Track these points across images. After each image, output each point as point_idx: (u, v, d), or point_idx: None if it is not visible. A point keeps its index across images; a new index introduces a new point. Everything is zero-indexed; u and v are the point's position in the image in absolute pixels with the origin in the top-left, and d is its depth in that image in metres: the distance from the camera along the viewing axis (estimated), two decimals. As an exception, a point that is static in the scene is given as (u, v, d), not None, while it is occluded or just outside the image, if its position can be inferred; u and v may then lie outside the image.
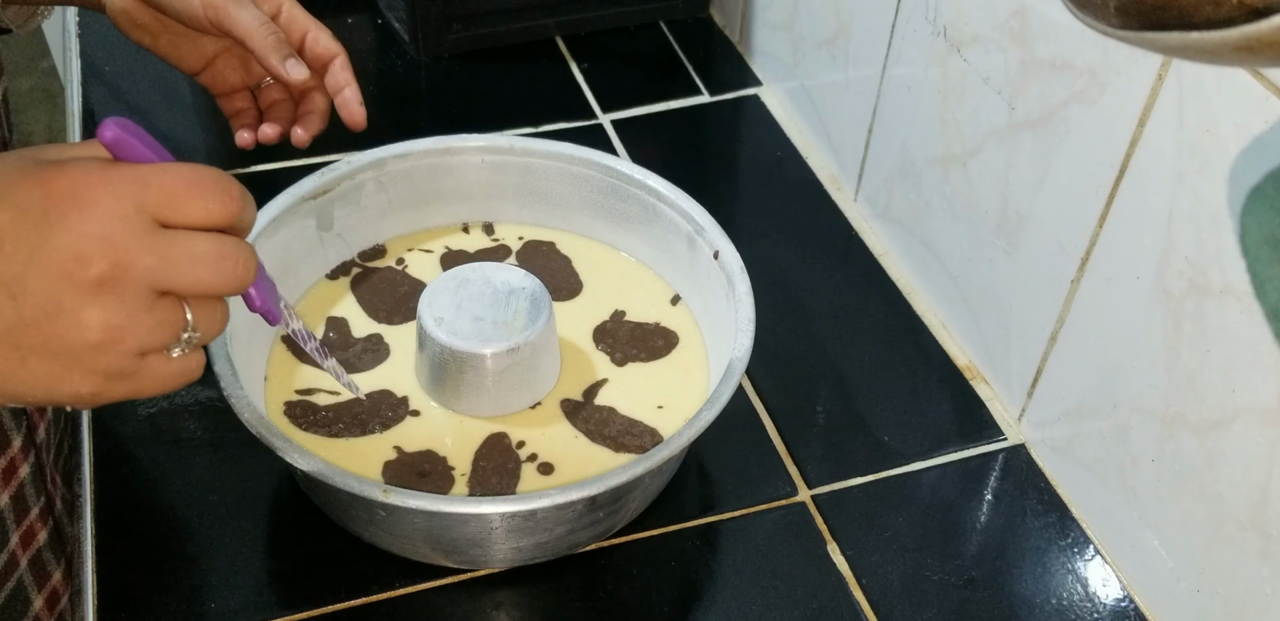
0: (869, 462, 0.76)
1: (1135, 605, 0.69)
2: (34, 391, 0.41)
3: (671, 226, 0.76)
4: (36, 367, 0.40)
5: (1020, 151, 0.70)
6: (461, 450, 0.69)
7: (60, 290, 0.39)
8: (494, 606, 0.68)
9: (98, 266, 0.39)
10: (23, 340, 0.39)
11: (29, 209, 0.39)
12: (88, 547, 0.69)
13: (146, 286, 0.40)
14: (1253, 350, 0.56)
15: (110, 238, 0.39)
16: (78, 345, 0.40)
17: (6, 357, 0.40)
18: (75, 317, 0.39)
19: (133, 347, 0.41)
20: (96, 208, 0.39)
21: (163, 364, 0.43)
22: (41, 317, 0.39)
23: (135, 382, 0.42)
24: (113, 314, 0.40)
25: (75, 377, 0.41)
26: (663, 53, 1.08)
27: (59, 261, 0.39)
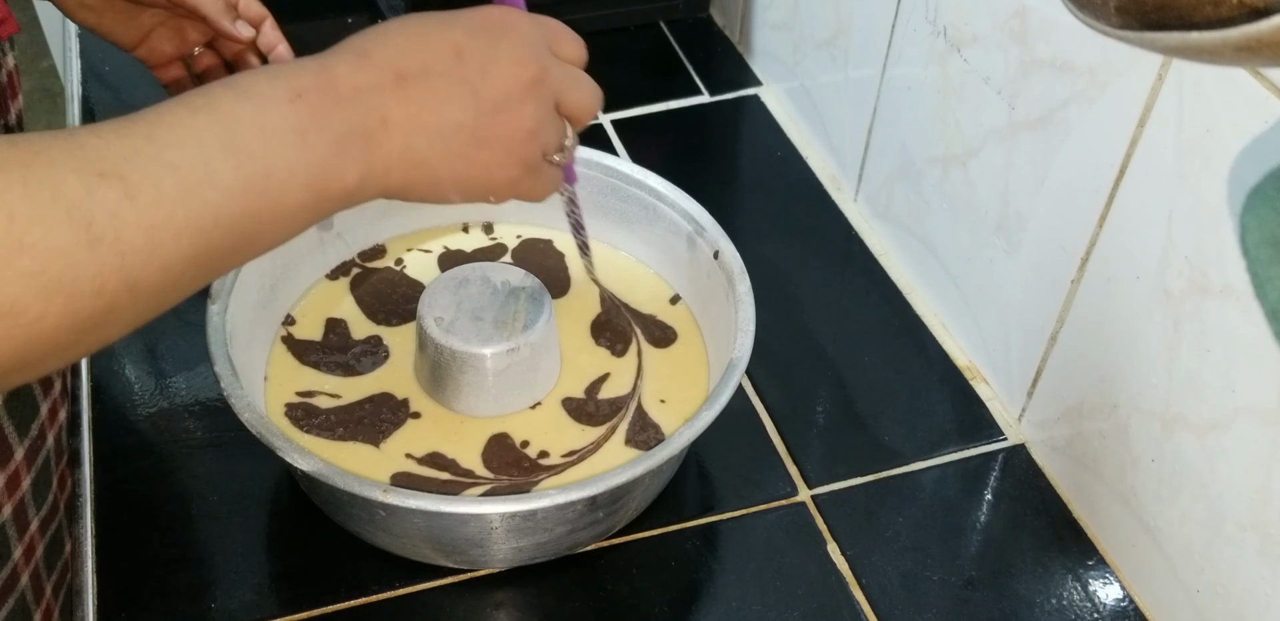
0: (869, 462, 0.76)
1: (1135, 605, 0.69)
2: (480, 174, 0.50)
3: (671, 226, 0.76)
4: (487, 153, 0.50)
5: (1020, 151, 0.70)
6: (469, 451, 0.69)
7: (508, 87, 0.49)
8: (494, 606, 0.68)
9: (531, 69, 0.50)
10: (482, 127, 0.49)
11: (477, 29, 0.50)
12: (88, 547, 0.69)
13: (553, 93, 0.52)
14: (1253, 350, 0.56)
15: (536, 51, 0.51)
16: (518, 132, 0.50)
17: (468, 142, 0.49)
18: (518, 109, 0.50)
19: (543, 142, 0.52)
20: (522, 31, 0.51)
21: (548, 168, 0.53)
22: (496, 108, 0.49)
23: (535, 178, 0.52)
24: (539, 109, 0.51)
25: (510, 163, 0.51)
26: (663, 53, 1.08)
27: (506, 65, 0.50)
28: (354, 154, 0.46)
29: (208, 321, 0.66)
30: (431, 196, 0.50)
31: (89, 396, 0.77)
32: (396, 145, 0.47)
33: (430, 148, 0.48)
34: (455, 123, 0.48)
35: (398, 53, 0.48)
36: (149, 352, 0.81)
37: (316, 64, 0.47)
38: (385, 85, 0.47)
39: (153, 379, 0.78)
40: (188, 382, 0.78)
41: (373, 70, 0.47)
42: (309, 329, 0.75)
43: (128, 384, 0.78)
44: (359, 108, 0.46)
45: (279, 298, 0.75)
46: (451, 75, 0.49)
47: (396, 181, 0.48)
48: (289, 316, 0.75)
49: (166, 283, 0.41)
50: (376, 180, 0.47)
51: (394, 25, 0.50)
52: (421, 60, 0.48)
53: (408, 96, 0.47)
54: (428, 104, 0.48)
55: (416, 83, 0.48)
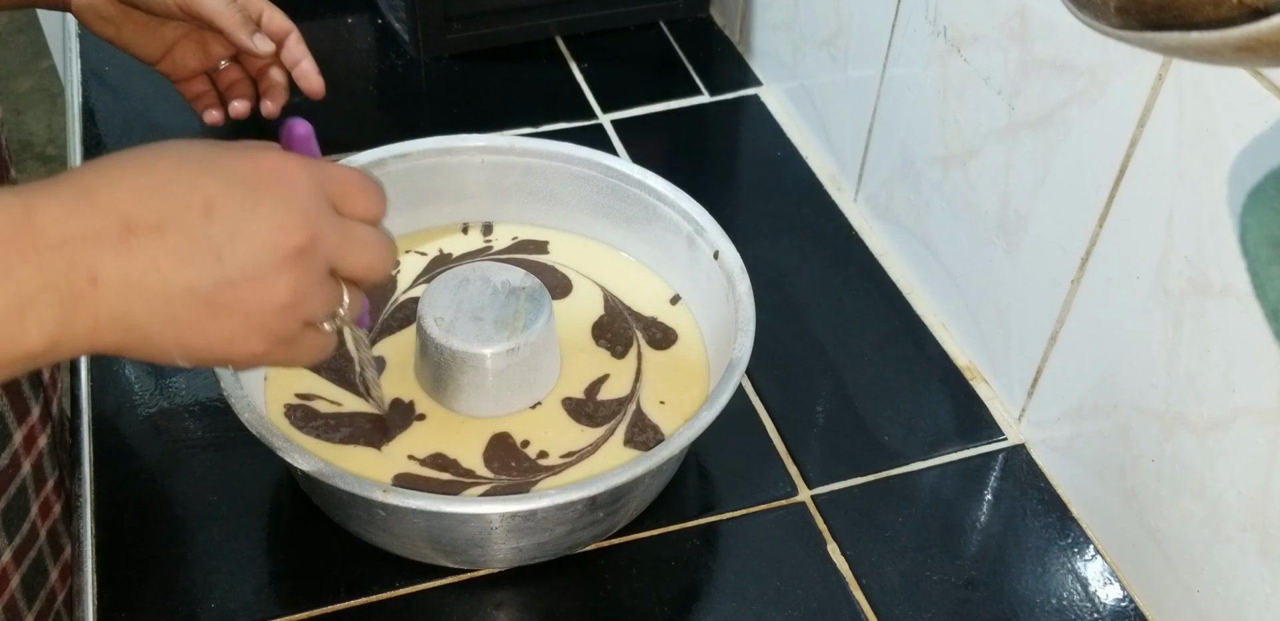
0: (869, 462, 0.76)
1: (1135, 605, 0.69)
2: (215, 348, 0.44)
3: (671, 226, 0.76)
4: (225, 324, 0.43)
5: (1020, 151, 0.70)
6: (470, 451, 0.69)
7: (264, 254, 0.43)
8: (494, 606, 0.68)
9: (298, 237, 0.43)
10: (220, 298, 0.42)
11: (239, 181, 0.43)
12: (88, 547, 0.69)
13: (326, 261, 0.45)
14: (1253, 350, 0.56)
15: (309, 214, 0.44)
16: (267, 306, 0.44)
17: (201, 314, 0.43)
18: (271, 281, 0.43)
19: (305, 315, 0.45)
20: (297, 188, 0.44)
21: (314, 335, 0.47)
22: (241, 279, 0.43)
23: (292, 349, 0.46)
24: (300, 280, 0.44)
25: (254, 337, 0.44)
26: (663, 53, 1.08)
27: (266, 229, 0.43)
28: (45, 315, 0.39)
29: (208, 321, 0.66)
30: (154, 359, 0.44)
31: (89, 396, 0.77)
32: (108, 307, 0.40)
33: (151, 314, 0.41)
34: (186, 287, 0.42)
35: (132, 197, 0.41)
36: (149, 352, 0.80)
37: (15, 201, 0.39)
38: (105, 235, 0.40)
39: (153, 379, 0.78)
40: (188, 382, 0.78)
41: (93, 215, 0.40)
42: None
43: (128, 384, 0.78)
44: (60, 262, 0.39)
45: (279, 298, 0.75)
46: (192, 233, 0.41)
47: (107, 343, 0.42)
48: (289, 316, 0.75)
49: None
50: (76, 341, 0.41)
51: (137, 160, 0.43)
52: (158, 210, 0.41)
53: (132, 251, 0.40)
54: (156, 263, 0.41)
55: (146, 237, 0.41)
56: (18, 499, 0.66)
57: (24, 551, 0.68)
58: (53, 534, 0.70)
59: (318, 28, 1.08)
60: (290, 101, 0.80)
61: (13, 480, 0.66)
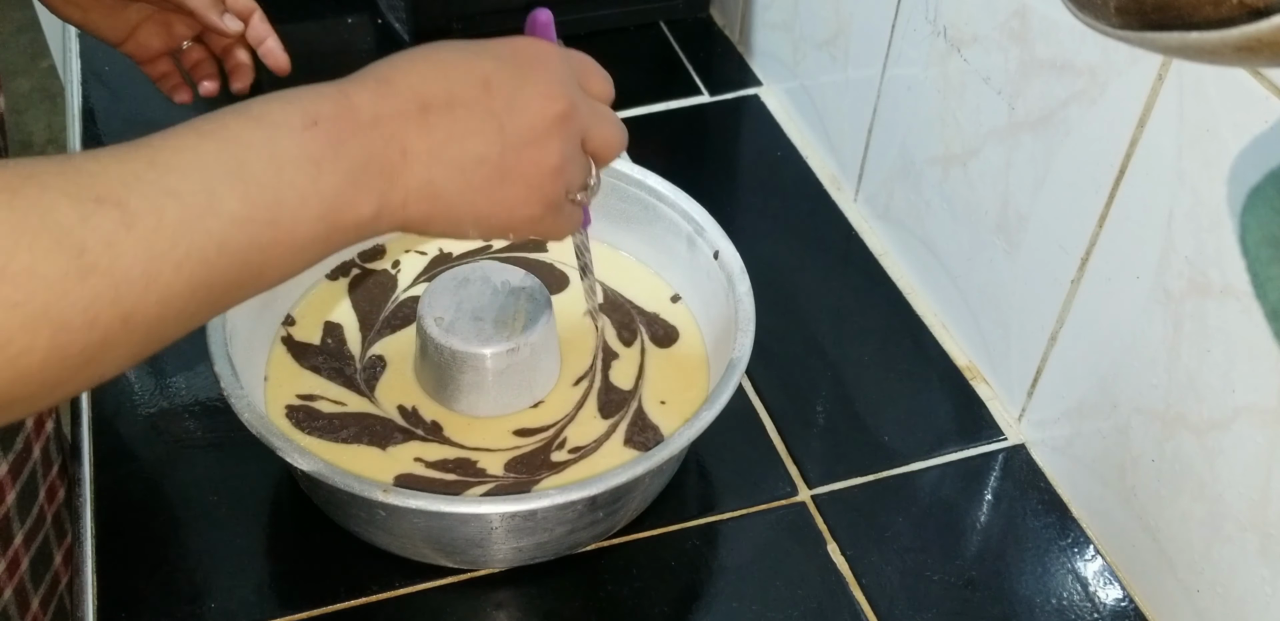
0: (869, 462, 0.76)
1: (1135, 605, 0.69)
2: (501, 211, 0.48)
3: (671, 226, 0.76)
4: (510, 190, 0.48)
5: (1020, 151, 0.70)
6: (474, 450, 0.69)
7: (535, 121, 0.48)
8: (494, 606, 0.68)
9: (560, 104, 0.48)
10: (506, 162, 0.47)
11: (506, 60, 0.48)
12: (88, 547, 0.69)
13: (580, 129, 0.50)
14: (1253, 350, 0.56)
15: (565, 86, 0.49)
16: (543, 168, 0.48)
17: (490, 177, 0.47)
18: (545, 144, 0.48)
19: (567, 180, 0.50)
20: (552, 65, 0.49)
21: (570, 206, 0.52)
22: (522, 143, 0.47)
23: (555, 217, 0.51)
24: (566, 145, 0.49)
25: (533, 201, 0.49)
26: (663, 53, 1.08)
27: (536, 98, 0.48)
28: (370, 185, 0.44)
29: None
30: (450, 231, 0.48)
31: (89, 396, 0.77)
32: (416, 177, 0.46)
33: (450, 181, 0.46)
34: (478, 156, 0.47)
35: (422, 81, 0.46)
36: (149, 352, 0.81)
37: (335, 90, 0.45)
38: (408, 114, 0.45)
39: (153, 379, 0.78)
40: (188, 382, 0.78)
41: (395, 98, 0.45)
42: (308, 331, 0.75)
43: (128, 384, 0.78)
44: (378, 137, 0.45)
45: (279, 297, 0.75)
46: (477, 107, 0.47)
47: (415, 214, 0.47)
48: (289, 316, 0.75)
49: (166, 316, 0.39)
50: (393, 212, 0.46)
51: (420, 52, 0.48)
52: (447, 90, 0.46)
53: (430, 127, 0.46)
54: (451, 136, 0.46)
55: (440, 113, 0.46)
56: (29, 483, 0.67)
57: (33, 534, 0.68)
58: (57, 518, 0.70)
59: (318, 28, 1.08)
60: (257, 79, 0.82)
61: (26, 464, 0.66)
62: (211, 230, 0.39)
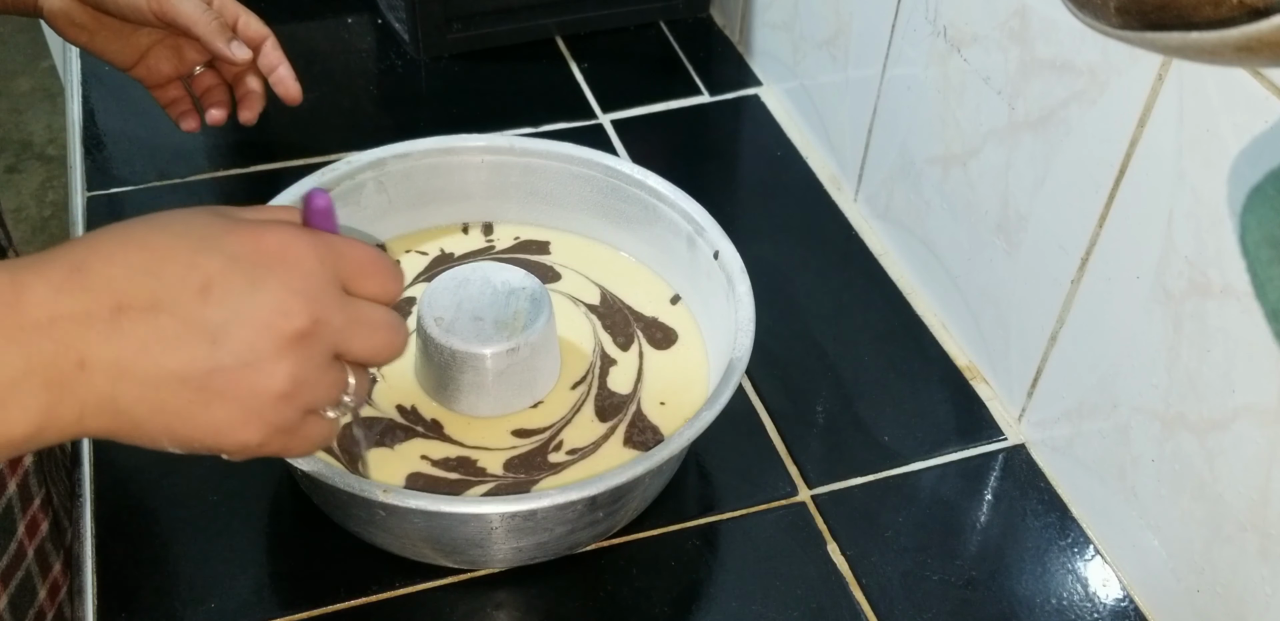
0: (869, 462, 0.76)
1: (1135, 605, 0.69)
2: (205, 437, 0.41)
3: (671, 226, 0.76)
4: (218, 413, 0.41)
5: (1020, 151, 0.70)
6: (476, 450, 0.69)
7: (261, 339, 0.40)
8: (494, 606, 0.68)
9: (299, 320, 0.41)
10: (214, 384, 0.40)
11: (240, 259, 0.40)
12: (88, 547, 0.69)
13: (330, 345, 0.42)
14: (1253, 350, 0.56)
15: (312, 296, 0.41)
16: (264, 394, 0.41)
17: (192, 401, 0.40)
18: (269, 367, 0.40)
19: (306, 403, 0.42)
20: (302, 267, 0.41)
21: (315, 423, 0.44)
22: (237, 364, 0.40)
23: (290, 439, 0.43)
24: (301, 367, 0.41)
25: (250, 426, 0.41)
26: (663, 53, 1.08)
27: (265, 312, 0.40)
28: (25, 401, 0.37)
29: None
30: (145, 446, 0.42)
31: (89, 396, 0.77)
32: (96, 392, 0.39)
33: (137, 400, 0.39)
34: (178, 375, 0.39)
35: (126, 274, 0.39)
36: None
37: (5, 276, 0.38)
38: (95, 316, 0.38)
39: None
40: (188, 382, 0.78)
41: (83, 294, 0.38)
42: None
43: (128, 384, 0.78)
44: (48, 344, 0.37)
45: (279, 298, 0.75)
46: (186, 314, 0.39)
47: (96, 428, 0.40)
48: (289, 316, 0.75)
49: None
50: (63, 427, 0.39)
51: (137, 233, 0.41)
52: (152, 290, 0.39)
53: (121, 334, 0.38)
54: (145, 347, 0.39)
55: (138, 318, 0.39)
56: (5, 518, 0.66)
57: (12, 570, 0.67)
58: (41, 551, 0.69)
59: (318, 28, 1.08)
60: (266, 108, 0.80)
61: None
62: None
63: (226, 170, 0.93)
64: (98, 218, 0.88)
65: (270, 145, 0.95)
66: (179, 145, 0.94)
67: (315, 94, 0.99)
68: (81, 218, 0.89)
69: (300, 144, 0.95)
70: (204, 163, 0.93)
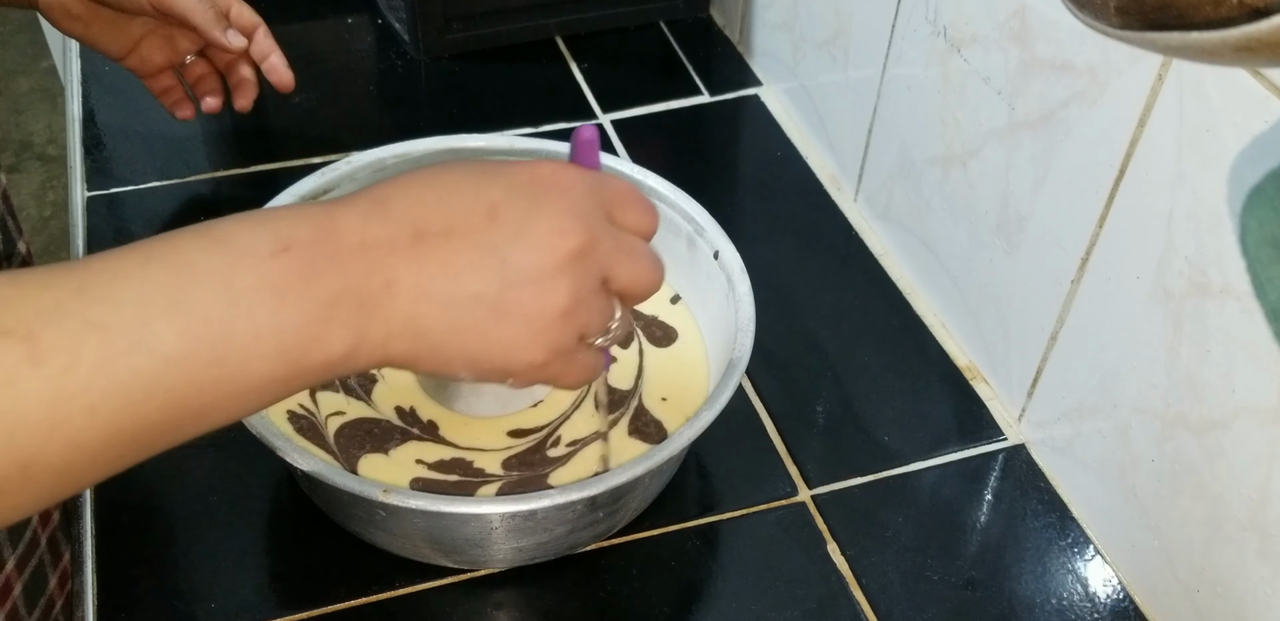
0: (869, 462, 0.76)
1: (1135, 605, 0.69)
2: (496, 356, 0.44)
3: (671, 226, 0.76)
4: (507, 331, 0.43)
5: (1020, 151, 0.70)
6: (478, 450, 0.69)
7: (544, 257, 0.43)
8: (494, 606, 0.68)
9: (575, 239, 0.44)
10: (505, 302, 0.43)
11: (519, 187, 0.44)
12: (88, 547, 0.69)
13: (600, 268, 0.45)
14: (1253, 350, 0.56)
15: (584, 218, 0.44)
16: (549, 311, 0.44)
17: (485, 319, 0.43)
18: (551, 284, 0.43)
19: (581, 324, 0.45)
20: (573, 194, 0.45)
21: (585, 352, 0.47)
22: (525, 282, 0.43)
23: (565, 364, 0.46)
24: (579, 285, 0.44)
25: (536, 345, 0.44)
26: (663, 53, 1.08)
27: (545, 233, 0.43)
28: (344, 319, 0.40)
29: (208, 321, 0.66)
30: (440, 372, 0.44)
31: (89, 396, 0.77)
32: (401, 313, 0.42)
33: (439, 320, 0.42)
34: (473, 294, 0.42)
35: (420, 206, 0.43)
36: (149, 353, 0.80)
37: (321, 210, 0.42)
38: (399, 242, 0.42)
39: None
40: (188, 382, 0.78)
41: (387, 223, 0.42)
42: None
43: (128, 384, 0.78)
44: (361, 266, 0.41)
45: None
46: (478, 238, 0.43)
47: (397, 352, 0.42)
48: (289, 316, 0.75)
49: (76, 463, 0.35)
50: (372, 350, 0.42)
51: (426, 173, 0.45)
52: (446, 217, 0.43)
53: (422, 258, 0.42)
54: (445, 269, 0.42)
55: (436, 243, 0.42)
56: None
57: (26, 559, 0.67)
58: (53, 541, 0.69)
59: (318, 28, 1.08)
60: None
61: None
62: (139, 369, 0.35)
63: (227, 170, 0.93)
64: (98, 217, 0.88)
65: (270, 145, 0.95)
66: (179, 145, 0.94)
67: (315, 94, 0.99)
68: (81, 218, 0.89)
69: (300, 144, 0.95)
70: (204, 162, 0.93)
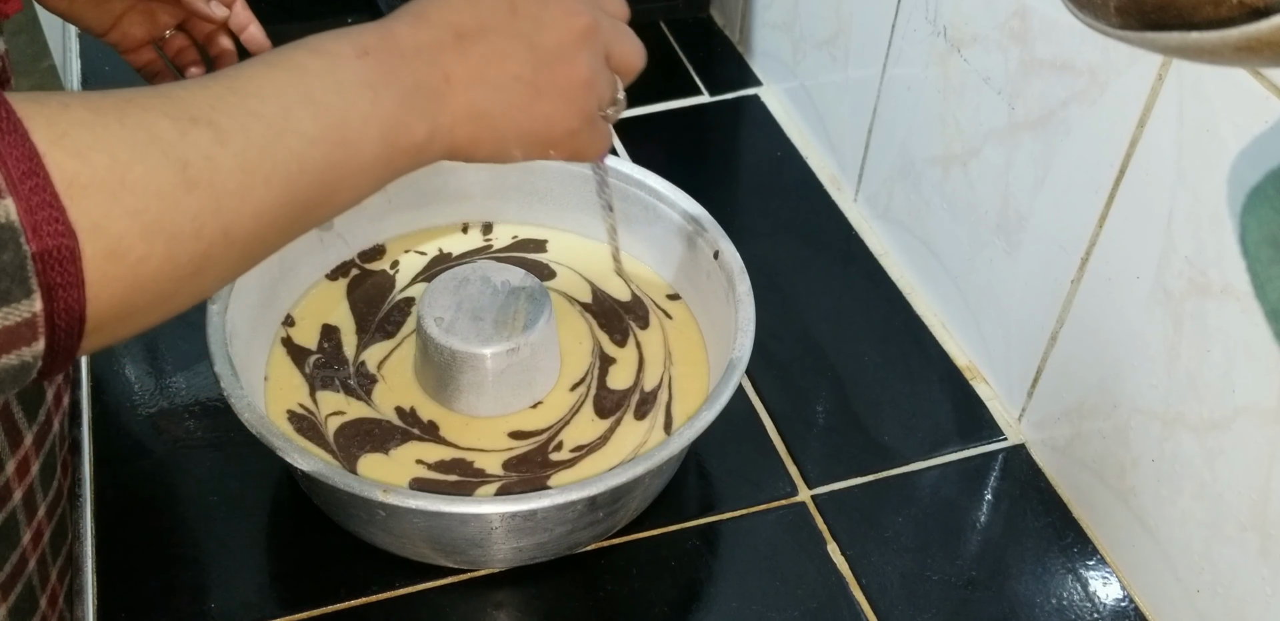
0: (869, 462, 0.76)
1: (1135, 605, 0.69)
2: (540, 128, 0.52)
3: (671, 226, 0.76)
4: (547, 104, 0.51)
5: (1020, 151, 0.70)
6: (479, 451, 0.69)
7: (562, 37, 0.51)
8: (494, 606, 0.68)
9: (583, 19, 0.52)
10: (540, 79, 0.51)
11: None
12: (88, 547, 0.69)
13: (603, 44, 0.53)
14: (1253, 350, 0.56)
15: (585, 2, 0.53)
16: (574, 82, 0.52)
17: (529, 95, 0.50)
18: (573, 59, 0.52)
19: (598, 94, 0.53)
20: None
21: (601, 123, 0.55)
22: (551, 60, 0.51)
23: (591, 132, 0.54)
24: (592, 58, 0.52)
25: (571, 113, 0.52)
26: (663, 53, 1.08)
27: (559, 16, 0.51)
28: (421, 108, 0.48)
29: (208, 321, 0.66)
30: (497, 153, 0.51)
31: (89, 396, 0.77)
32: (460, 100, 0.49)
33: (492, 102, 0.50)
34: (514, 75, 0.50)
35: (453, 13, 0.50)
36: (149, 352, 0.81)
37: (378, 25, 0.50)
38: (445, 43, 0.49)
39: (153, 378, 0.78)
40: (188, 382, 0.78)
41: (432, 29, 0.49)
42: (307, 333, 0.75)
43: (128, 383, 0.78)
44: (422, 64, 0.48)
45: (279, 297, 0.75)
46: (507, 30, 0.50)
47: (463, 136, 0.50)
48: (289, 317, 0.75)
49: (259, 229, 0.42)
50: (444, 135, 0.49)
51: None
52: (477, 18, 0.50)
53: (467, 53, 0.49)
54: (487, 59, 0.50)
55: (474, 40, 0.50)
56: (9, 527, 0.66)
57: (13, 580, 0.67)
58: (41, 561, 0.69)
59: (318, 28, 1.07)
60: None
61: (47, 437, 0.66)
62: (292, 148, 0.43)
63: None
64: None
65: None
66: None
67: (315, 94, 0.99)
68: (81, 218, 0.88)
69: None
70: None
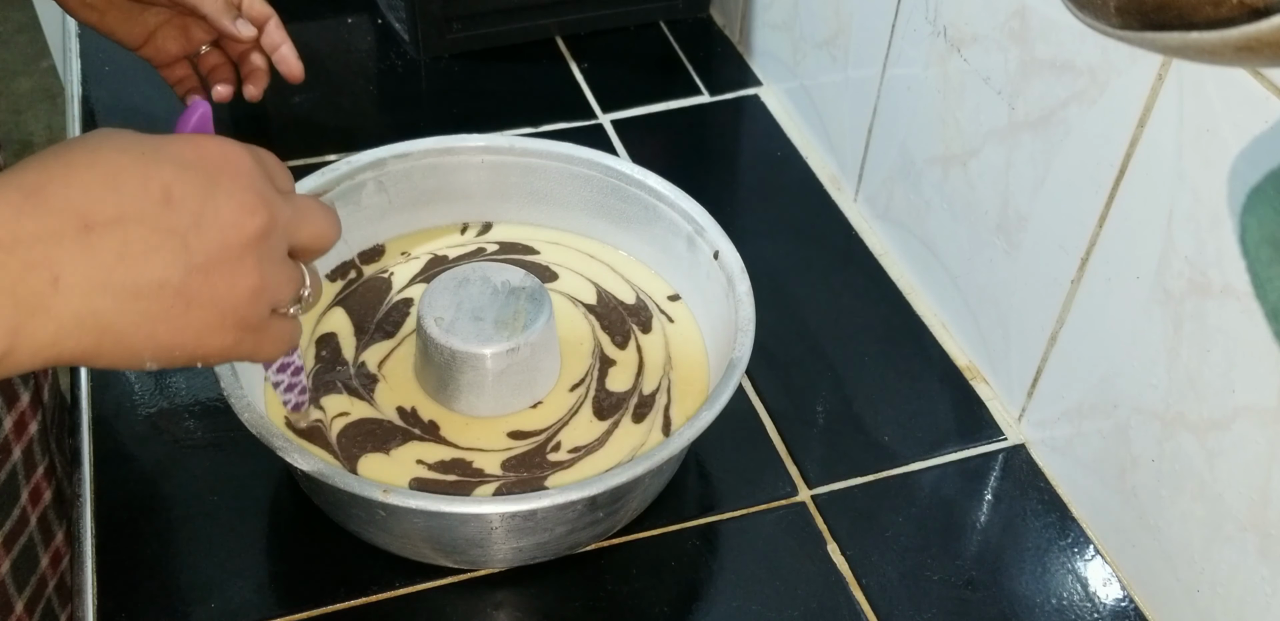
0: (869, 462, 0.76)
1: (1135, 605, 0.69)
2: (187, 341, 0.42)
3: (671, 226, 0.76)
4: (197, 316, 0.42)
5: (1020, 151, 0.70)
6: (479, 451, 0.69)
7: (230, 238, 0.42)
8: (494, 606, 0.68)
9: (260, 217, 0.43)
10: (191, 286, 0.41)
11: (189, 167, 0.42)
12: (88, 547, 0.69)
13: (284, 238, 0.45)
14: (1253, 350, 0.56)
15: (263, 193, 0.43)
16: (237, 292, 0.42)
17: (173, 305, 0.41)
18: (240, 265, 0.42)
19: (272, 299, 0.44)
20: (244, 168, 0.43)
21: (279, 322, 0.46)
22: (209, 265, 0.41)
23: (260, 338, 0.45)
24: (265, 263, 0.43)
25: (226, 327, 0.43)
26: (663, 53, 1.08)
27: (229, 213, 0.42)
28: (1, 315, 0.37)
29: (208, 321, 0.66)
30: (124, 365, 0.42)
31: (89, 396, 0.77)
32: (71, 308, 0.39)
33: (120, 312, 0.40)
34: (157, 281, 0.40)
35: (85, 194, 0.39)
36: (149, 352, 0.80)
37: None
38: (63, 234, 0.38)
39: (152, 379, 0.78)
40: (188, 382, 0.78)
41: (47, 216, 0.38)
42: (304, 339, 0.75)
43: (128, 384, 0.78)
44: (16, 263, 0.37)
45: (279, 297, 0.75)
46: (155, 223, 0.40)
47: (72, 350, 0.40)
48: (289, 316, 0.75)
49: None
50: (36, 350, 0.39)
51: (81, 154, 0.41)
52: (116, 203, 0.40)
53: (93, 249, 0.39)
54: (122, 258, 0.39)
55: (108, 232, 0.39)
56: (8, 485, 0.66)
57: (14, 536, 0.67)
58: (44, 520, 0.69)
59: (318, 28, 1.08)
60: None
61: (3, 466, 0.66)
62: None
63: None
64: (98, 218, 0.88)
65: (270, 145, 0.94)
66: (179, 145, 0.94)
67: (315, 94, 0.99)
68: (81, 218, 0.89)
69: (300, 144, 0.95)
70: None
